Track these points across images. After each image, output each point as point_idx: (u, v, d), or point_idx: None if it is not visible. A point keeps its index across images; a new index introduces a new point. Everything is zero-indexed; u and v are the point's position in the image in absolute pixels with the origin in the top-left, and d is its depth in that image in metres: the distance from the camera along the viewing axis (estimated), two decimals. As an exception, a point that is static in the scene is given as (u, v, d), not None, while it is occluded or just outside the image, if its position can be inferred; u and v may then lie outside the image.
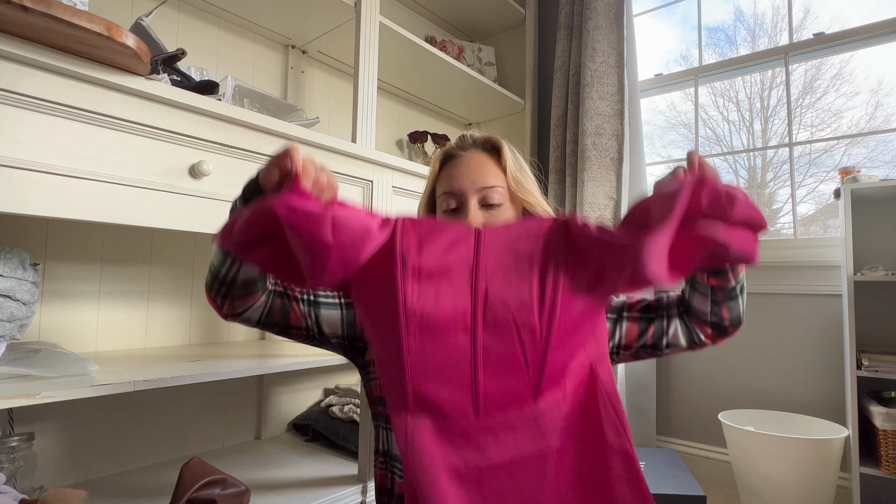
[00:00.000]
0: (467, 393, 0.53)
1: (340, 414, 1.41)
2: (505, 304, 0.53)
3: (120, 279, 1.20)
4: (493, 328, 0.53)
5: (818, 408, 1.61)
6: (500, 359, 0.53)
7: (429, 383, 0.53)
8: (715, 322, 0.72)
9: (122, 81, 0.81)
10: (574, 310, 0.53)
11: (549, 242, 0.55)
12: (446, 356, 0.53)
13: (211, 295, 0.69)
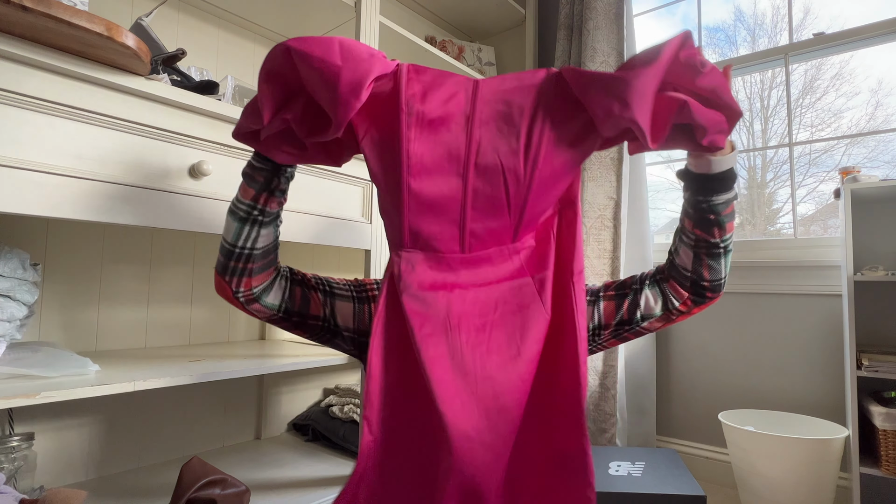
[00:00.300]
0: (456, 230, 0.60)
1: (340, 414, 1.41)
2: (495, 151, 0.58)
3: (120, 279, 1.20)
4: (483, 173, 0.58)
5: (818, 408, 1.61)
6: (487, 201, 0.59)
7: (423, 220, 0.59)
8: (694, 280, 0.70)
9: (122, 81, 0.81)
10: (556, 161, 0.59)
11: (540, 94, 0.59)
12: (440, 196, 0.58)
13: (225, 278, 0.70)
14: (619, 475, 1.27)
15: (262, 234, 0.70)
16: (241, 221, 0.70)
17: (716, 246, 0.68)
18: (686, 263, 0.70)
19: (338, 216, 1.18)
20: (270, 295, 0.73)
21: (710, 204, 0.65)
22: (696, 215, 0.67)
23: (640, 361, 1.85)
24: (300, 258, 1.58)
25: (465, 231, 0.60)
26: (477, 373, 0.58)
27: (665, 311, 0.73)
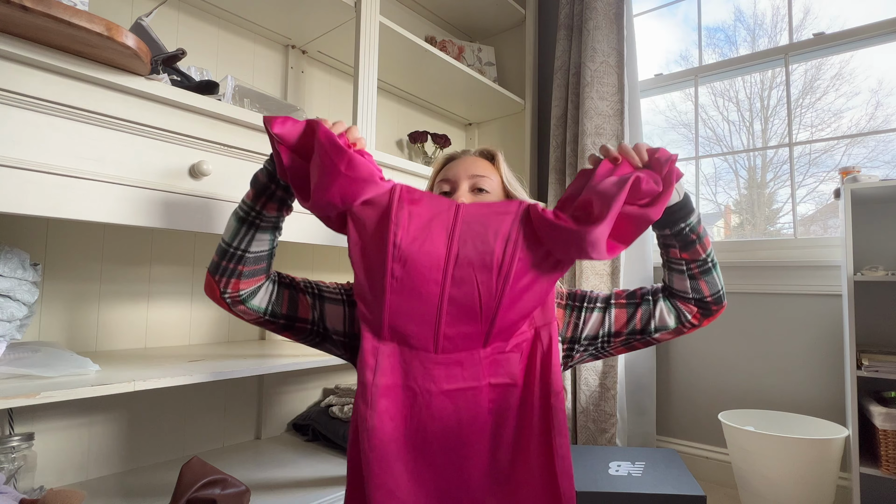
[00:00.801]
0: (431, 332, 0.66)
1: (340, 414, 1.41)
2: (471, 265, 0.65)
3: (120, 279, 1.20)
4: (459, 283, 0.65)
5: (818, 408, 1.61)
6: (460, 309, 0.65)
7: (402, 320, 0.65)
8: (697, 299, 0.76)
9: (122, 81, 0.81)
10: (526, 277, 0.66)
11: (513, 220, 0.67)
12: (419, 300, 0.65)
13: (215, 278, 0.72)
14: (619, 475, 1.27)
15: (258, 237, 0.72)
16: (239, 221, 0.72)
17: (704, 262, 0.74)
18: (685, 288, 0.76)
19: (338, 216, 1.17)
20: (256, 298, 0.75)
21: (689, 227, 0.73)
22: (679, 243, 0.74)
23: (640, 361, 1.85)
24: (300, 258, 1.58)
25: (438, 333, 0.66)
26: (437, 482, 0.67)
27: (678, 324, 0.77)
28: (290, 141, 0.67)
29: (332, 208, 0.65)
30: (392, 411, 0.65)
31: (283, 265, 1.52)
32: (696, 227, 0.73)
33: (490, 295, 0.64)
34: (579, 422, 1.81)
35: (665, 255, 0.77)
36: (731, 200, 2.05)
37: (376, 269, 0.65)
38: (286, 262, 1.53)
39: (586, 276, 1.82)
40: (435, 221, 0.67)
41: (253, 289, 0.74)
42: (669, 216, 0.72)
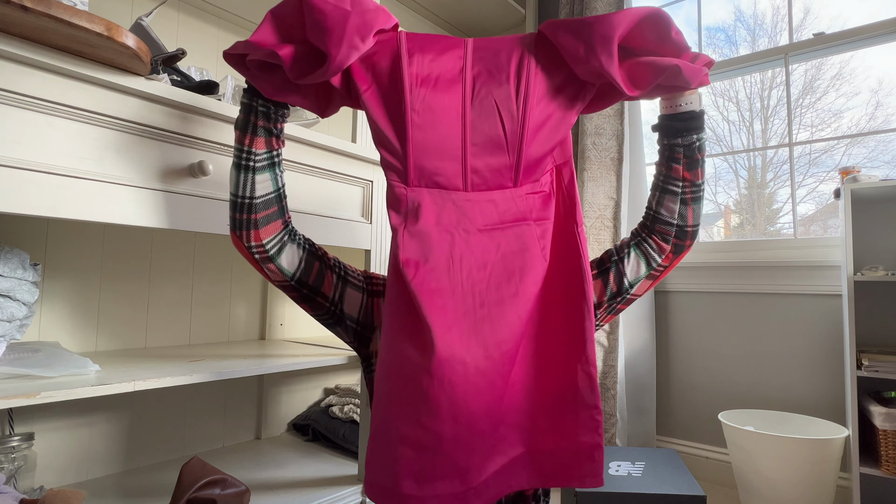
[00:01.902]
0: (459, 167, 0.63)
1: (340, 414, 1.41)
2: (489, 91, 0.63)
3: (120, 279, 1.20)
4: (479, 111, 0.63)
5: (818, 408, 1.61)
6: (485, 137, 0.63)
7: (427, 157, 0.62)
8: (679, 226, 0.76)
9: (122, 81, 0.81)
10: (545, 102, 0.64)
11: (525, 47, 0.66)
12: (442, 133, 0.62)
13: (236, 233, 0.72)
14: (619, 475, 1.27)
15: (258, 180, 0.71)
16: (235, 168, 0.72)
17: (698, 188, 0.75)
18: (672, 211, 0.75)
19: (338, 216, 1.18)
20: (285, 258, 0.74)
21: (700, 142, 0.74)
22: (687, 158, 0.74)
23: (640, 361, 1.85)
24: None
25: (466, 167, 0.63)
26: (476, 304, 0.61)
27: (650, 271, 0.77)
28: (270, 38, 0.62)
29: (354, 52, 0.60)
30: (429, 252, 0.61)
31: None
32: (704, 146, 0.74)
33: (513, 120, 0.63)
34: (579, 422, 1.81)
35: (664, 172, 0.76)
36: (731, 200, 2.05)
37: (395, 108, 0.63)
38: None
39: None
40: (447, 56, 0.65)
41: (276, 239, 0.73)
42: (687, 121, 0.73)
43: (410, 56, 0.64)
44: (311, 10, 0.59)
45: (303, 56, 0.62)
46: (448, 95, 0.63)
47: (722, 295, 1.81)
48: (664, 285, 1.92)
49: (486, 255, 0.63)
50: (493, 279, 0.62)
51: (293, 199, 1.09)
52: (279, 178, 0.75)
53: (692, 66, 0.64)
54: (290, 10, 0.62)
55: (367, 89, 0.64)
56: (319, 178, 1.15)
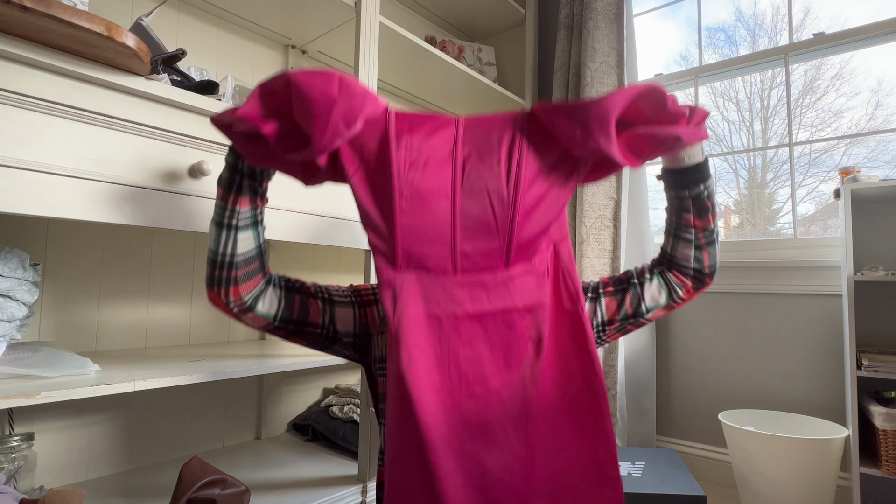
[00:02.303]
0: (447, 251, 0.62)
1: (340, 414, 1.41)
2: (479, 174, 0.62)
3: (120, 279, 1.20)
4: (469, 194, 0.62)
5: (818, 408, 1.61)
6: (475, 221, 0.62)
7: (415, 242, 0.61)
8: (696, 269, 0.77)
9: (122, 81, 0.81)
10: (538, 184, 0.62)
11: (516, 127, 0.64)
12: (431, 218, 0.61)
13: (214, 290, 0.70)
14: (619, 475, 1.27)
15: (241, 238, 0.69)
16: (217, 226, 0.69)
17: (712, 232, 0.76)
18: (687, 256, 0.76)
19: (338, 216, 1.18)
20: (264, 304, 0.73)
21: (708, 191, 0.74)
22: (696, 207, 0.74)
23: (640, 361, 1.85)
24: (300, 258, 1.58)
25: (455, 251, 0.62)
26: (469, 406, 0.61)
27: (669, 301, 0.78)
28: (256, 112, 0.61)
29: (339, 139, 0.59)
30: (419, 342, 0.60)
31: (282, 266, 1.52)
32: (713, 194, 0.75)
33: (503, 204, 0.61)
34: (579, 422, 1.81)
35: (675, 221, 0.77)
36: (731, 200, 2.05)
37: (382, 192, 0.62)
38: (286, 262, 1.53)
39: (586, 276, 1.82)
40: (436, 137, 0.64)
41: (255, 292, 0.72)
42: (693, 175, 0.73)
43: (399, 138, 0.62)
44: (297, 92, 0.58)
45: (288, 132, 0.61)
46: (437, 178, 0.62)
47: (722, 295, 1.81)
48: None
49: (476, 344, 0.62)
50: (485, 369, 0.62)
51: (293, 198, 1.09)
52: (261, 235, 0.73)
53: (691, 131, 0.63)
54: (279, 86, 0.60)
55: (354, 172, 0.63)
56: (319, 178, 1.15)
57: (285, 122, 0.61)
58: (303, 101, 0.58)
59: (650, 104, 0.61)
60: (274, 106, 0.61)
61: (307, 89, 0.57)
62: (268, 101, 0.61)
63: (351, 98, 0.58)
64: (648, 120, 0.62)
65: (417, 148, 0.62)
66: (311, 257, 1.61)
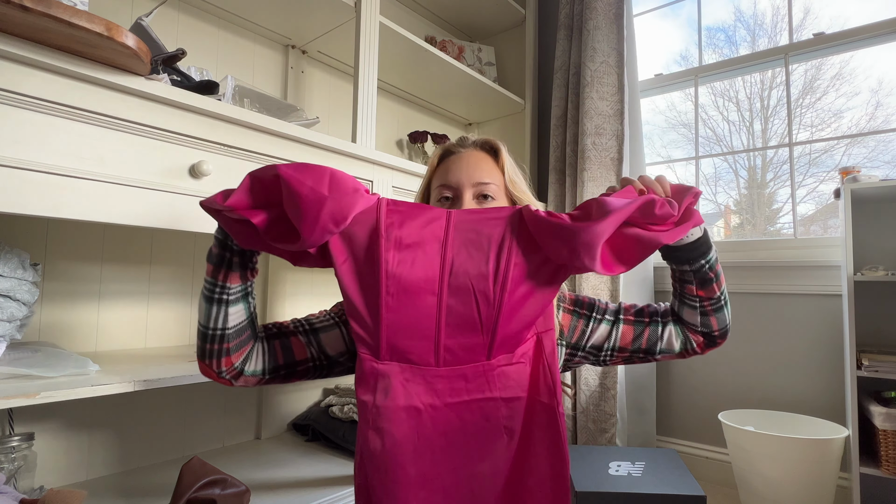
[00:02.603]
0: (431, 346, 0.63)
1: (340, 414, 1.41)
2: (466, 273, 0.62)
3: (120, 279, 1.20)
4: (456, 293, 0.62)
5: (818, 408, 1.61)
6: (460, 318, 0.62)
7: (400, 337, 0.62)
8: (705, 332, 0.77)
9: (122, 81, 0.81)
10: (524, 285, 0.63)
11: (506, 226, 0.64)
12: (416, 315, 0.62)
13: (206, 362, 0.69)
14: (619, 475, 1.27)
15: (231, 312, 0.68)
16: (207, 301, 0.68)
17: (718, 300, 0.75)
18: (694, 322, 0.77)
19: (338, 216, 1.17)
20: (251, 363, 0.72)
21: (709, 264, 0.73)
22: (698, 280, 0.74)
23: (640, 361, 1.85)
24: (300, 258, 1.58)
25: (439, 345, 0.63)
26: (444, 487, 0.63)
27: (683, 350, 0.78)
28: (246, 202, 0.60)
29: (328, 235, 0.60)
30: (396, 434, 0.62)
31: (282, 267, 1.52)
32: (715, 265, 0.73)
33: (488, 304, 0.62)
34: (579, 422, 1.81)
35: (679, 289, 0.77)
36: (731, 200, 2.05)
37: (369, 287, 0.62)
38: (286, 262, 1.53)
39: (586, 276, 1.82)
40: (427, 231, 0.64)
41: (245, 356, 0.71)
42: (690, 252, 0.72)
43: (388, 232, 0.62)
44: (287, 188, 0.58)
45: (277, 220, 0.61)
46: (425, 274, 0.62)
47: (722, 295, 1.81)
48: (664, 285, 1.92)
49: (452, 433, 0.63)
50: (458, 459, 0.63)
51: (293, 199, 1.09)
52: (252, 304, 0.72)
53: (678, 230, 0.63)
54: (269, 177, 0.60)
55: (342, 262, 0.63)
56: (319, 178, 1.15)
57: (275, 210, 0.61)
58: (293, 198, 0.57)
59: (639, 215, 0.61)
60: (264, 196, 0.61)
61: (297, 187, 0.57)
62: (258, 190, 0.61)
63: (342, 196, 0.59)
64: (636, 223, 0.62)
65: (407, 244, 0.63)
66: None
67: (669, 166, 2.12)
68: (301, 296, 1.56)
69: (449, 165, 0.79)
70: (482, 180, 0.76)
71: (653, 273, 1.88)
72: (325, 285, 1.63)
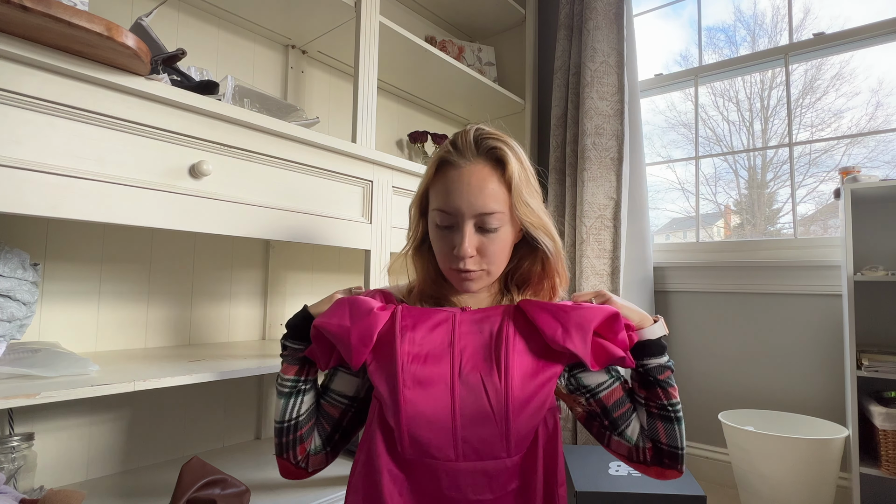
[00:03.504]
0: (449, 437, 0.65)
1: (340, 414, 1.41)
2: (474, 365, 0.67)
3: (120, 279, 1.20)
4: (466, 384, 0.66)
5: (818, 408, 1.61)
6: (473, 409, 0.65)
7: (419, 427, 0.65)
8: (653, 440, 0.74)
9: (122, 81, 0.81)
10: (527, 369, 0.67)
11: (504, 318, 0.71)
12: (432, 406, 0.66)
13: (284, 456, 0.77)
14: (619, 475, 1.27)
15: (306, 399, 0.78)
16: (287, 396, 0.77)
17: (664, 408, 0.73)
18: (643, 421, 0.75)
19: (338, 216, 1.18)
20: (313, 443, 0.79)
21: (645, 368, 0.73)
22: (638, 378, 0.75)
23: (640, 361, 1.85)
24: (300, 258, 1.58)
25: (457, 438, 0.65)
26: None
27: (634, 446, 0.75)
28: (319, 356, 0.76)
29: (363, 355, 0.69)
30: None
31: (282, 266, 1.52)
32: (659, 374, 0.73)
33: (496, 393, 0.65)
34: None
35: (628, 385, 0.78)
36: (731, 200, 2.05)
37: (390, 381, 0.67)
38: (286, 262, 1.53)
39: (586, 277, 1.82)
40: (436, 330, 0.70)
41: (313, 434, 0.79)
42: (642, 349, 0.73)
43: (403, 334, 0.69)
44: (326, 333, 0.72)
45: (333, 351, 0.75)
46: (437, 370, 0.67)
47: (722, 295, 1.81)
48: (664, 285, 1.92)
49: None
50: None
51: (293, 198, 1.09)
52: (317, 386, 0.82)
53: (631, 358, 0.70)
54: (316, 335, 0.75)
55: (370, 363, 0.71)
56: (319, 177, 1.15)
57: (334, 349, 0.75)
58: (331, 337, 0.71)
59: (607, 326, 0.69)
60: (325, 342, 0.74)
61: (329, 328, 0.71)
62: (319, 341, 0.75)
63: (361, 319, 0.70)
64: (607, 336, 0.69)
65: (419, 343, 0.69)
66: (311, 257, 1.62)
67: (669, 166, 2.12)
68: (301, 296, 1.56)
69: (448, 185, 0.71)
70: (485, 210, 0.69)
71: (653, 273, 1.88)
72: (325, 284, 1.63)
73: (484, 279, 0.74)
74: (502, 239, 0.72)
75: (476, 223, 0.71)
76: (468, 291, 0.76)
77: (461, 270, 0.72)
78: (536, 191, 0.76)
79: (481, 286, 0.75)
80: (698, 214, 1.99)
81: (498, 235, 0.72)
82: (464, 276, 0.73)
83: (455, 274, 0.73)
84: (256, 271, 1.48)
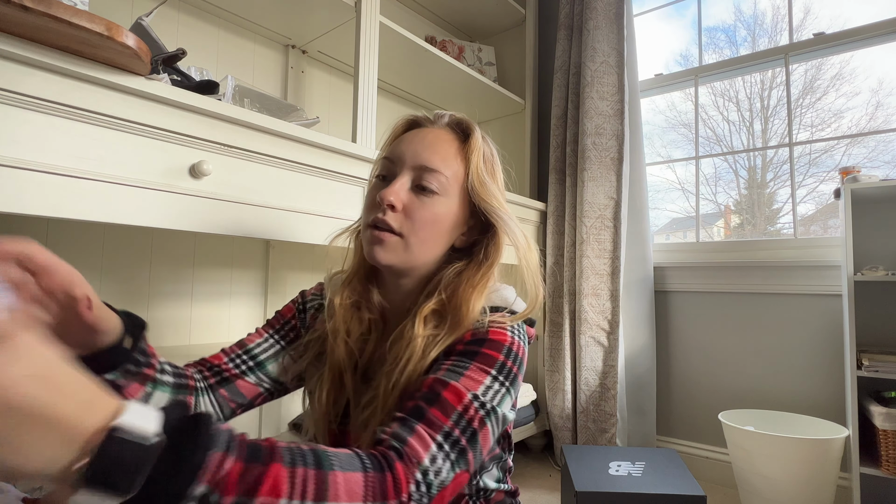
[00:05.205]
0: None
1: (340, 414, 1.41)
2: None
3: (120, 279, 1.20)
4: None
5: (818, 408, 1.61)
6: None
7: None
8: None
9: (122, 81, 0.81)
10: None
11: None
12: None
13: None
14: (619, 475, 1.27)
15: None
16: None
17: None
18: None
19: (338, 216, 1.18)
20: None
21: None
22: None
23: (640, 361, 1.85)
24: (300, 258, 1.58)
25: None
26: None
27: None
28: None
29: None
30: None
31: (283, 265, 1.52)
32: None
33: None
34: (579, 422, 1.81)
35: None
36: (731, 200, 2.05)
37: None
38: (286, 261, 1.53)
39: (586, 276, 1.82)
40: None
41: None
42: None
43: None
44: None
45: None
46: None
47: (722, 295, 1.81)
48: (664, 285, 1.92)
49: None
50: None
51: (293, 198, 1.09)
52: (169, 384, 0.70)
53: None
54: None
55: None
56: (319, 177, 1.15)
57: None
58: None
59: None
60: None
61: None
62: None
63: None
64: None
65: None
66: (311, 257, 1.61)
67: (669, 166, 2.12)
68: (301, 296, 1.56)
69: (405, 137, 0.65)
70: (428, 164, 0.61)
71: (653, 273, 1.88)
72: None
73: (398, 250, 0.60)
74: (437, 211, 0.61)
75: (414, 178, 0.61)
76: (376, 259, 0.61)
77: (375, 225, 0.60)
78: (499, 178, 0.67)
79: (392, 259, 0.61)
80: (698, 214, 1.99)
81: (433, 202, 0.61)
82: (376, 234, 0.60)
83: (369, 233, 0.61)
84: (256, 271, 1.48)
